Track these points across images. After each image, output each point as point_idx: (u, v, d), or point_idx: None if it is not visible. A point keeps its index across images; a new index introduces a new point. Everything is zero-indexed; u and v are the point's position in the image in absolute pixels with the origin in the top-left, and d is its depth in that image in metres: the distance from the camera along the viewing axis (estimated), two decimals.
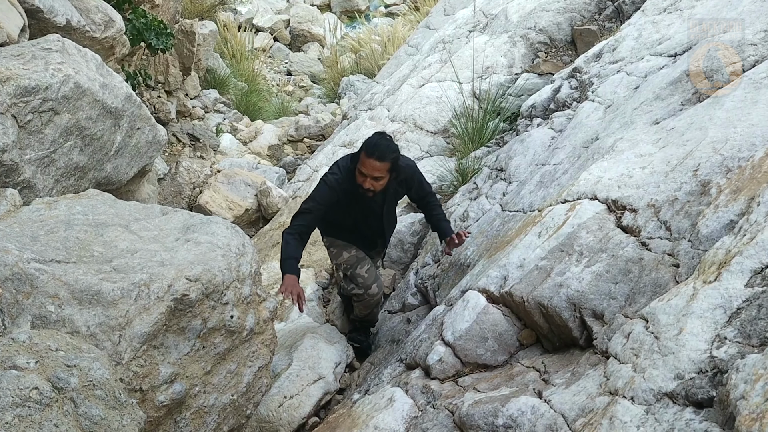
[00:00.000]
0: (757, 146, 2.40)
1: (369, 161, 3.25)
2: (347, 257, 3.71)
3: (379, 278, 3.80)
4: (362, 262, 3.71)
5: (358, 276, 3.68)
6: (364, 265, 3.70)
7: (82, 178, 3.26)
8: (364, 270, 3.69)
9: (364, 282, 3.68)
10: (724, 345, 1.68)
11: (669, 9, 4.25)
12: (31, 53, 2.95)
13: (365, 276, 3.68)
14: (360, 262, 3.70)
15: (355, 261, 3.70)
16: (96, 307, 2.09)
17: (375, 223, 3.69)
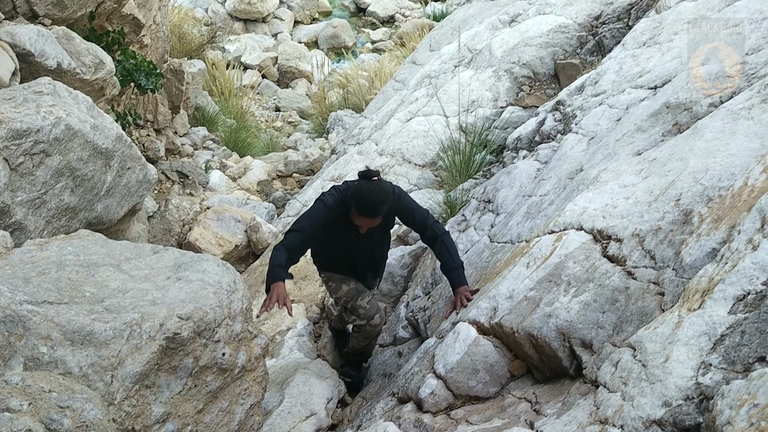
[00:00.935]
0: (737, 175, 2.46)
1: (361, 218, 3.27)
2: (347, 290, 3.70)
3: (380, 309, 3.79)
4: (362, 294, 3.71)
5: (360, 307, 3.67)
6: (364, 297, 3.70)
7: (72, 219, 3.28)
8: (365, 301, 3.69)
9: (366, 313, 3.67)
10: (709, 371, 1.71)
11: (648, 43, 4.36)
12: (23, 96, 2.99)
13: (367, 307, 3.67)
14: (360, 294, 3.70)
15: (355, 293, 3.69)
16: (88, 347, 2.10)
17: (369, 252, 3.67)
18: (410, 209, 3.56)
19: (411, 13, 18.88)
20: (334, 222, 3.42)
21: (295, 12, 18.72)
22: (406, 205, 3.55)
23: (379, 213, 3.26)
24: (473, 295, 3.43)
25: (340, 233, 3.49)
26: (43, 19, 4.15)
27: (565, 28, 6.30)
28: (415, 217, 3.57)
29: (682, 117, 3.18)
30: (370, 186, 3.30)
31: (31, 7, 4.07)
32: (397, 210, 3.51)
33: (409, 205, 3.57)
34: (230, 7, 17.63)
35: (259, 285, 6.21)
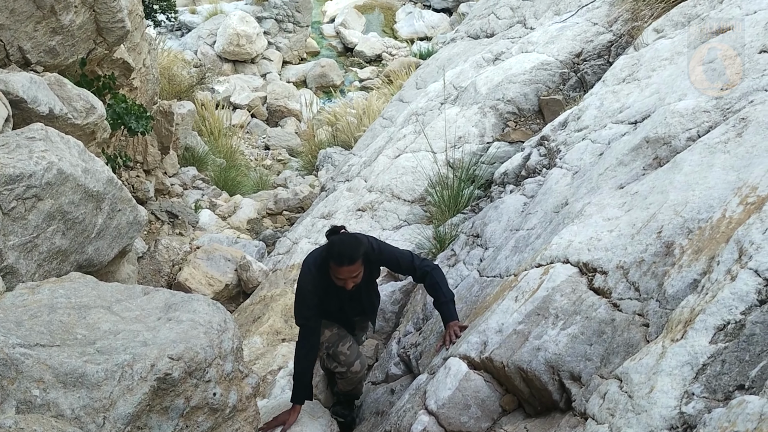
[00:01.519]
0: (715, 208, 2.52)
1: (342, 269, 3.24)
2: (329, 336, 3.70)
3: (361, 355, 3.79)
4: (344, 340, 3.71)
5: (341, 354, 3.67)
6: (345, 342, 3.70)
7: (64, 262, 3.31)
8: (346, 347, 3.69)
9: (347, 359, 3.67)
10: (692, 401, 1.74)
11: (627, 79, 4.48)
12: (16, 142, 3.04)
13: (347, 353, 3.67)
14: (341, 339, 3.71)
15: (336, 339, 3.69)
16: (80, 389, 2.11)
17: (356, 304, 3.68)
18: (393, 257, 3.57)
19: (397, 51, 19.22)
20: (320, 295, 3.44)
21: (284, 52, 19.01)
22: (388, 254, 3.56)
23: (357, 257, 3.24)
24: (462, 330, 3.43)
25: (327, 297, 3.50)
26: (35, 66, 4.24)
27: (548, 66, 6.45)
28: (401, 262, 3.59)
29: (662, 151, 3.26)
30: (341, 237, 3.37)
31: (24, 54, 4.16)
32: (379, 261, 3.54)
33: (391, 252, 3.59)
34: (219, 48, 17.89)
35: (250, 324, 6.21)
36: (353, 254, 3.24)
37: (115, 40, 4.96)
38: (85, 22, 4.58)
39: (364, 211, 6.80)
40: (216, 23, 18.45)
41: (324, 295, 3.46)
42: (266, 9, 19.27)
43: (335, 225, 3.47)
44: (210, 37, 18.34)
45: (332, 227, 3.47)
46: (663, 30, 4.81)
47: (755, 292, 1.89)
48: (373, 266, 3.57)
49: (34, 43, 4.21)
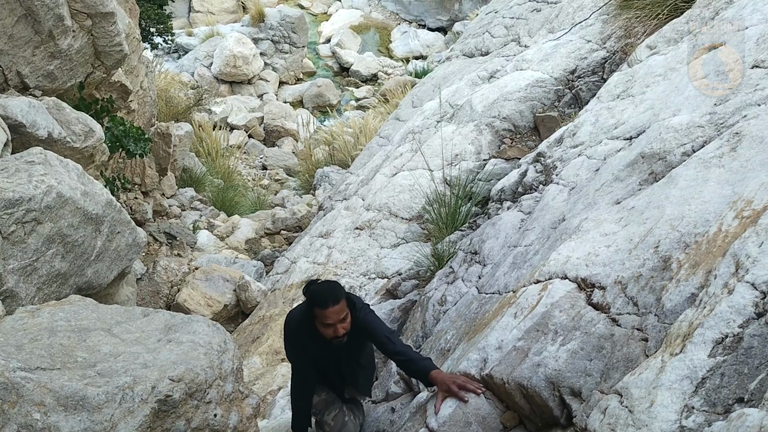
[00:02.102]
0: (711, 222, 2.54)
1: (328, 311, 3.12)
2: (316, 401, 3.67)
3: (346, 424, 3.69)
4: (330, 408, 3.67)
5: (325, 424, 3.65)
6: (331, 411, 3.66)
7: (63, 284, 3.31)
8: (331, 417, 3.65)
9: (330, 430, 3.65)
10: (692, 414, 1.75)
11: (622, 95, 4.52)
12: (15, 167, 3.06)
13: (331, 424, 3.64)
14: (328, 407, 3.67)
15: (323, 406, 3.67)
16: (81, 412, 2.11)
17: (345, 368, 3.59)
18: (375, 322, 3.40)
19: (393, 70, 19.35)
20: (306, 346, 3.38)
21: (280, 73, 19.13)
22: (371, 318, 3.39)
23: (340, 296, 3.17)
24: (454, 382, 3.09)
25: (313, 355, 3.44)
26: (33, 91, 4.27)
27: (543, 83, 6.50)
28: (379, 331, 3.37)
29: (657, 166, 3.29)
30: (318, 283, 3.30)
31: (22, 79, 4.19)
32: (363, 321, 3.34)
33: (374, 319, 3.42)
34: (216, 70, 18.00)
35: (249, 344, 6.20)
36: (336, 293, 3.18)
37: (113, 64, 5.01)
38: (83, 47, 4.63)
39: (362, 229, 6.81)
40: (213, 45, 18.58)
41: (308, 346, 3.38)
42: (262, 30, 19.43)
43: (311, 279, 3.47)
44: (207, 58, 18.45)
45: (308, 281, 3.40)
46: (656, 46, 4.86)
47: (752, 305, 1.91)
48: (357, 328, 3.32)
49: (33, 67, 4.25)
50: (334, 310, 3.12)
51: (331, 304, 3.12)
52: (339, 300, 3.15)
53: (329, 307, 3.12)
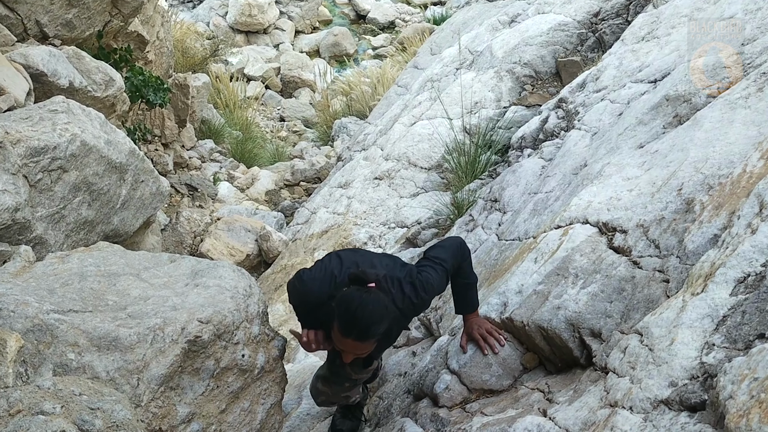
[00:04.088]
0: (735, 163, 2.52)
1: (347, 342, 2.41)
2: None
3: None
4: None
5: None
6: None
7: (90, 232, 3.38)
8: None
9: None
10: (712, 351, 1.77)
11: (647, 37, 4.43)
12: (39, 115, 3.09)
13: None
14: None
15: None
16: (114, 352, 2.18)
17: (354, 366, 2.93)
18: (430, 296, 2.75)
19: (411, 17, 19.00)
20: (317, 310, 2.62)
21: (296, 22, 18.86)
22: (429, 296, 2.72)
23: (373, 335, 2.39)
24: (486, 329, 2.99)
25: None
26: (53, 40, 4.27)
27: (565, 26, 6.38)
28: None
29: (682, 109, 3.24)
30: (364, 296, 2.38)
31: (42, 28, 4.19)
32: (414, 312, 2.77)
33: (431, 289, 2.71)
34: (231, 19, 17.79)
35: (272, 293, 6.30)
36: (369, 330, 2.38)
37: (130, 12, 4.98)
38: None
39: (381, 179, 6.82)
40: None
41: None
42: None
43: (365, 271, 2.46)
44: (222, 8, 18.23)
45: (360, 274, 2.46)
46: None
47: None
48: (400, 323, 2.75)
49: (51, 16, 4.25)
50: (353, 345, 2.42)
51: (355, 337, 2.39)
52: (367, 340, 2.40)
53: (349, 338, 2.39)
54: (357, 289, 2.41)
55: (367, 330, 2.36)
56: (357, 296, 2.38)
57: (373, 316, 2.35)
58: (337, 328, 2.39)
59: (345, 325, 2.36)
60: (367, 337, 2.38)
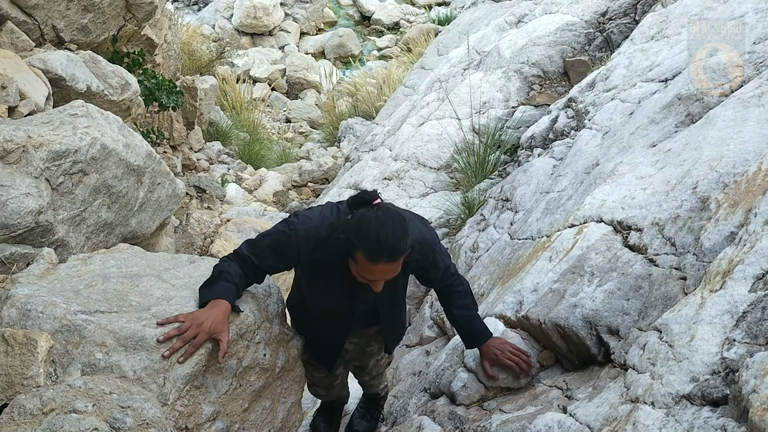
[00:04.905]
0: (750, 161, 2.55)
1: (377, 267, 2.19)
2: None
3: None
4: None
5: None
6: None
7: (110, 234, 3.42)
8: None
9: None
10: (733, 346, 1.80)
11: (656, 37, 4.45)
12: (60, 119, 3.14)
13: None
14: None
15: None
16: (141, 352, 2.22)
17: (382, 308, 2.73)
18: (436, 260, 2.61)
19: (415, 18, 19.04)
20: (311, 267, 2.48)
21: (301, 23, 18.92)
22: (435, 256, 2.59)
23: (403, 251, 2.19)
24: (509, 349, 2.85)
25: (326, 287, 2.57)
26: (68, 45, 4.33)
27: (572, 26, 6.40)
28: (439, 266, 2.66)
29: (694, 107, 3.27)
30: (379, 214, 2.19)
31: (58, 33, 4.25)
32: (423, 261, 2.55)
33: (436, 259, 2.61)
34: (236, 22, 17.85)
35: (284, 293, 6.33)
36: (398, 246, 2.17)
37: (144, 16, 5.04)
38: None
39: (390, 179, 6.85)
40: None
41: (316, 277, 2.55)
42: None
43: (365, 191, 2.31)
44: (227, 10, 18.29)
45: (361, 194, 2.29)
46: None
47: None
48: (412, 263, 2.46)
49: (67, 21, 4.30)
50: (384, 268, 2.20)
51: (385, 259, 2.16)
52: (398, 256, 2.19)
53: (380, 262, 2.17)
54: (367, 210, 2.20)
55: (396, 247, 2.16)
56: (372, 216, 2.17)
57: (396, 229, 2.16)
58: (362, 257, 2.15)
59: (371, 249, 2.14)
60: (398, 255, 2.18)
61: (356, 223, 2.19)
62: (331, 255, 2.35)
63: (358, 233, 2.17)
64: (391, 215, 2.20)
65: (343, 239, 2.22)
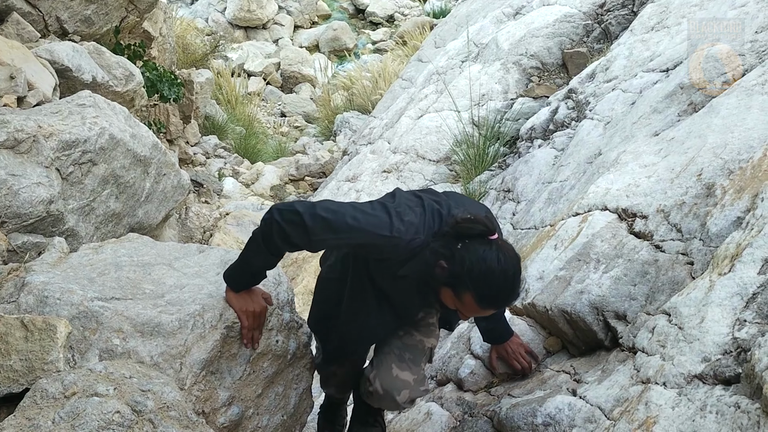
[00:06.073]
0: (755, 148, 2.59)
1: (486, 311, 2.11)
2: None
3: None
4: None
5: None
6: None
7: (118, 224, 3.44)
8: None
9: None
10: (744, 327, 1.84)
11: (656, 27, 4.49)
12: (68, 109, 3.15)
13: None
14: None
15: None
16: (157, 338, 2.24)
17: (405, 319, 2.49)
18: None
19: (410, 11, 19.03)
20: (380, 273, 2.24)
21: (295, 17, 18.87)
22: None
23: (514, 302, 2.20)
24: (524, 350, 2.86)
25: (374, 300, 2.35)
26: (72, 36, 4.34)
27: (571, 18, 6.43)
28: None
29: (697, 96, 3.31)
30: (501, 259, 1.96)
31: (62, 24, 4.25)
32: None
33: None
34: (230, 15, 17.80)
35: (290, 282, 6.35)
36: (515, 296, 2.09)
37: (145, 8, 5.05)
38: None
39: (389, 172, 6.87)
40: None
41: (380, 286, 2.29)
42: None
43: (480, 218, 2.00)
44: (220, 3, 18.24)
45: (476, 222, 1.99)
46: None
47: None
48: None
49: (71, 12, 4.31)
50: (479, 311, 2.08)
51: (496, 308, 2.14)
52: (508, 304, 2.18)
53: (490, 309, 2.09)
54: (488, 249, 1.96)
55: (512, 299, 2.07)
56: (494, 261, 1.94)
57: (516, 279, 2.02)
58: (470, 299, 1.96)
59: (487, 297, 1.97)
60: (509, 304, 2.13)
61: (476, 264, 1.94)
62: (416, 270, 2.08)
63: (476, 277, 1.94)
64: (512, 264, 2.01)
65: (451, 271, 1.97)
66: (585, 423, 2.19)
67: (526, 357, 2.86)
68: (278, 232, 2.11)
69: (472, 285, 1.95)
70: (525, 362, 2.86)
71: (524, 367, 2.85)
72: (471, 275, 1.94)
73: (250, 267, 2.34)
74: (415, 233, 2.03)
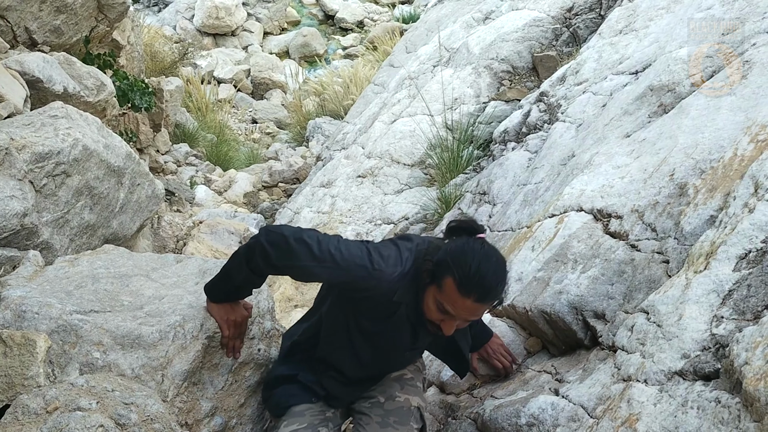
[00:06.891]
0: (726, 147, 2.64)
1: (463, 302, 1.99)
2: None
3: None
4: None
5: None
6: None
7: (92, 236, 3.39)
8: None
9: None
10: (722, 323, 1.88)
11: (624, 30, 4.57)
12: (40, 121, 3.10)
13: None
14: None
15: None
16: (138, 350, 2.22)
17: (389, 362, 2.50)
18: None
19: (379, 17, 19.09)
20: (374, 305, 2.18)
21: (264, 23, 18.81)
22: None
23: (496, 296, 2.06)
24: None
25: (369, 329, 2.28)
26: (41, 47, 4.27)
27: (540, 22, 6.51)
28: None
29: (667, 98, 3.37)
30: (485, 248, 2.03)
31: (31, 35, 4.19)
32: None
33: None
34: (198, 22, 17.67)
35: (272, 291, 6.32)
36: (495, 288, 2.04)
37: (116, 17, 4.99)
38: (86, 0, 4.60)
39: (364, 177, 6.88)
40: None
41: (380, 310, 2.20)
42: None
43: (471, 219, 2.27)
44: (188, 11, 18.09)
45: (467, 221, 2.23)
46: None
47: None
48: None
49: (40, 23, 4.24)
50: (470, 307, 2.02)
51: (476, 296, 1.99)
52: (491, 301, 2.07)
53: (470, 298, 1.99)
54: (473, 240, 2.04)
55: (492, 288, 2.01)
56: (477, 246, 2.00)
57: (498, 271, 2.03)
58: (451, 284, 1.95)
59: (466, 278, 1.94)
60: (490, 298, 2.03)
61: (458, 248, 2.01)
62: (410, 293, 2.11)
63: (457, 257, 1.98)
64: (496, 254, 2.07)
65: (435, 261, 2.02)
66: (568, 422, 2.21)
67: (507, 356, 2.89)
68: (261, 252, 2.12)
69: (453, 266, 1.97)
70: (506, 361, 2.88)
71: (506, 366, 2.88)
72: (453, 257, 1.99)
73: (232, 281, 2.33)
74: (395, 265, 2.06)
